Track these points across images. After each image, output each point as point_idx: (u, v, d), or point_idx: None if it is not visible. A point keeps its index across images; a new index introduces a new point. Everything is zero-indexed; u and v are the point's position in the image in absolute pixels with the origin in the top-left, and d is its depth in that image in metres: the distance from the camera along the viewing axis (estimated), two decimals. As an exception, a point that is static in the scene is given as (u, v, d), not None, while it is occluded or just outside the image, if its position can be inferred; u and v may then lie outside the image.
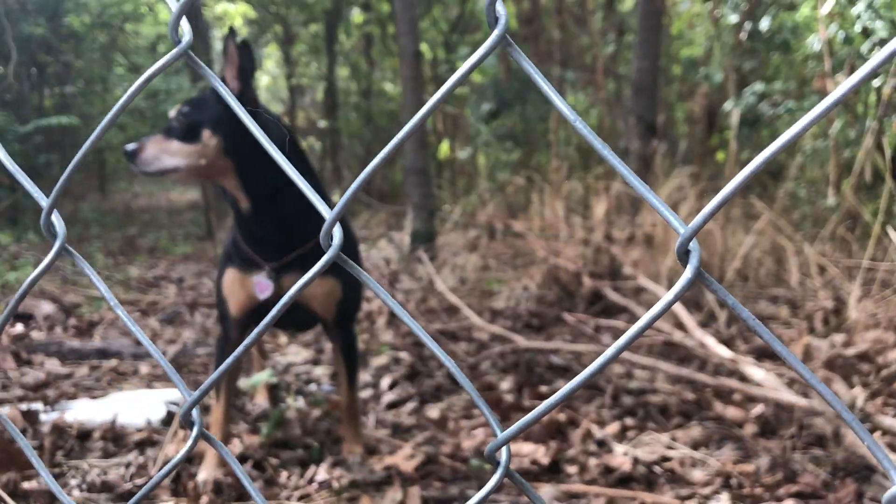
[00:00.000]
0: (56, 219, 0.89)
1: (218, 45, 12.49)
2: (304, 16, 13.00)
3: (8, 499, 1.87)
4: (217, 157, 1.93)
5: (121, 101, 0.82)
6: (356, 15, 12.27)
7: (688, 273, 0.46)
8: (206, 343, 3.55)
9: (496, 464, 0.61)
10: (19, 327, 3.69)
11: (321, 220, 2.18)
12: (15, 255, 5.58)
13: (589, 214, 5.53)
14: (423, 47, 9.69)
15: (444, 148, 10.40)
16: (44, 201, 0.89)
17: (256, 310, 2.08)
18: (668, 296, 0.49)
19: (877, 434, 2.11)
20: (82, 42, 10.19)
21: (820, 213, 6.06)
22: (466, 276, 5.43)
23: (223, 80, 1.98)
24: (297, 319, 2.26)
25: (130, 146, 1.93)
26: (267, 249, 2.00)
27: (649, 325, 0.52)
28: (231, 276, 2.08)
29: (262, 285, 1.99)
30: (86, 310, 4.23)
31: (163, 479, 0.90)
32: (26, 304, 4.18)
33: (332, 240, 0.70)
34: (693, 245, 0.45)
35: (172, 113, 1.96)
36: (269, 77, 15.97)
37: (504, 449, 0.61)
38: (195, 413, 0.87)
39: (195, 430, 0.87)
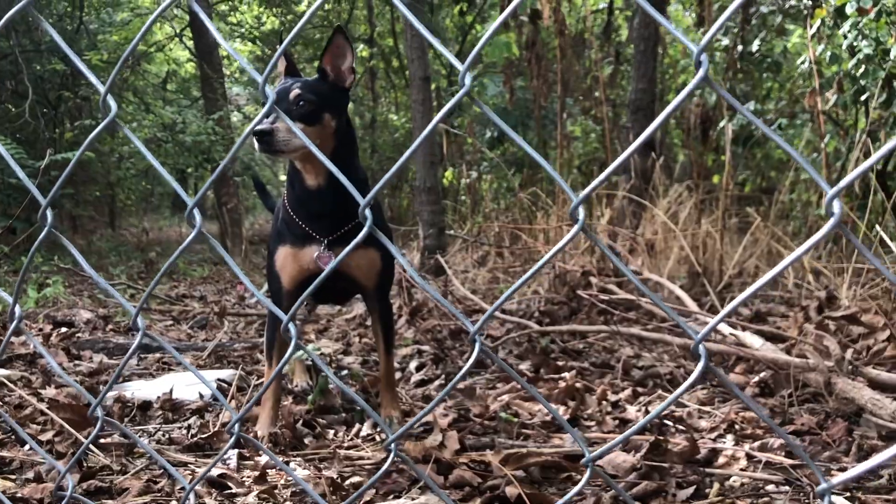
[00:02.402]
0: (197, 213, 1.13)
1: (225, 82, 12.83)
2: (310, 52, 13.43)
3: (94, 449, 2.11)
4: (329, 138, 2.19)
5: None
6: (361, 50, 12.67)
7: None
8: (240, 340, 3.79)
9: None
10: (64, 329, 3.92)
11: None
12: (46, 274, 5.84)
13: (593, 227, 5.80)
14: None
15: (449, 175, 10.71)
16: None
17: (307, 281, 2.34)
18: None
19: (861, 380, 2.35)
20: (99, 78, 10.54)
21: (813, 223, 6.31)
22: (477, 287, 5.68)
23: (339, 71, 2.22)
24: (339, 290, 2.51)
25: (266, 127, 2.03)
26: (321, 224, 2.25)
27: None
28: (284, 252, 2.33)
29: (324, 258, 2.23)
30: (121, 318, 4.47)
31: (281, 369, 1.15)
32: (65, 313, 4.43)
33: (366, 218, 0.96)
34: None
35: (292, 96, 2.12)
36: (274, 113, 16.36)
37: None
38: (292, 328, 1.13)
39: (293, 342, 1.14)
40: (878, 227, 4.57)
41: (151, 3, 13.15)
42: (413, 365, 3.24)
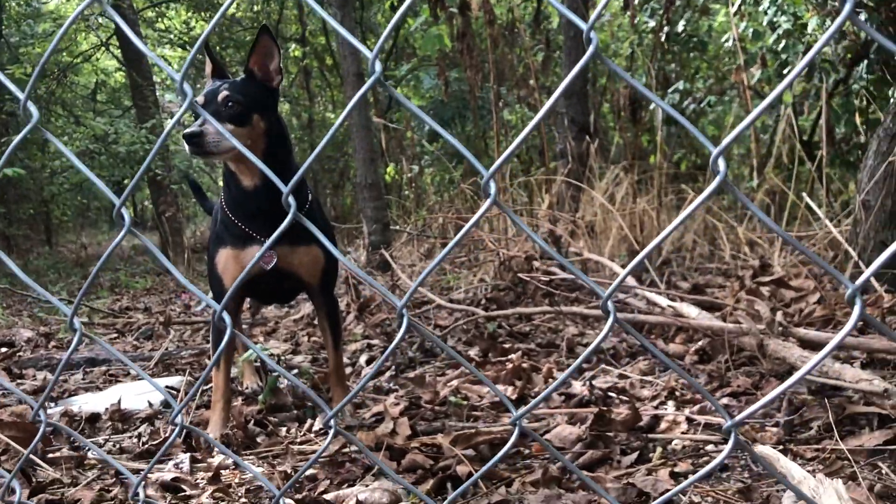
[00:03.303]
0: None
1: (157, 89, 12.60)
2: (241, 55, 13.26)
3: (42, 462, 2.09)
4: (259, 138, 2.19)
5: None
6: (294, 49, 12.57)
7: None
8: (187, 347, 3.76)
9: None
10: (4, 350, 3.84)
11: (305, 194, 2.48)
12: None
13: (534, 213, 5.89)
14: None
15: (390, 170, 10.72)
16: None
17: (251, 282, 2.34)
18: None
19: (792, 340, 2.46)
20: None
21: (745, 195, 6.50)
22: (425, 279, 5.72)
23: (266, 70, 2.22)
24: (284, 289, 2.52)
25: (195, 129, 2.02)
26: (260, 224, 2.25)
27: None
28: (225, 254, 2.32)
29: (267, 258, 2.24)
30: (64, 335, 4.39)
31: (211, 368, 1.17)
32: (4, 333, 4.33)
33: (290, 206, 0.99)
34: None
35: (220, 98, 2.14)
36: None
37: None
38: (226, 317, 1.15)
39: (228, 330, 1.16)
40: (804, 195, 4.76)
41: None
42: (363, 359, 3.27)
